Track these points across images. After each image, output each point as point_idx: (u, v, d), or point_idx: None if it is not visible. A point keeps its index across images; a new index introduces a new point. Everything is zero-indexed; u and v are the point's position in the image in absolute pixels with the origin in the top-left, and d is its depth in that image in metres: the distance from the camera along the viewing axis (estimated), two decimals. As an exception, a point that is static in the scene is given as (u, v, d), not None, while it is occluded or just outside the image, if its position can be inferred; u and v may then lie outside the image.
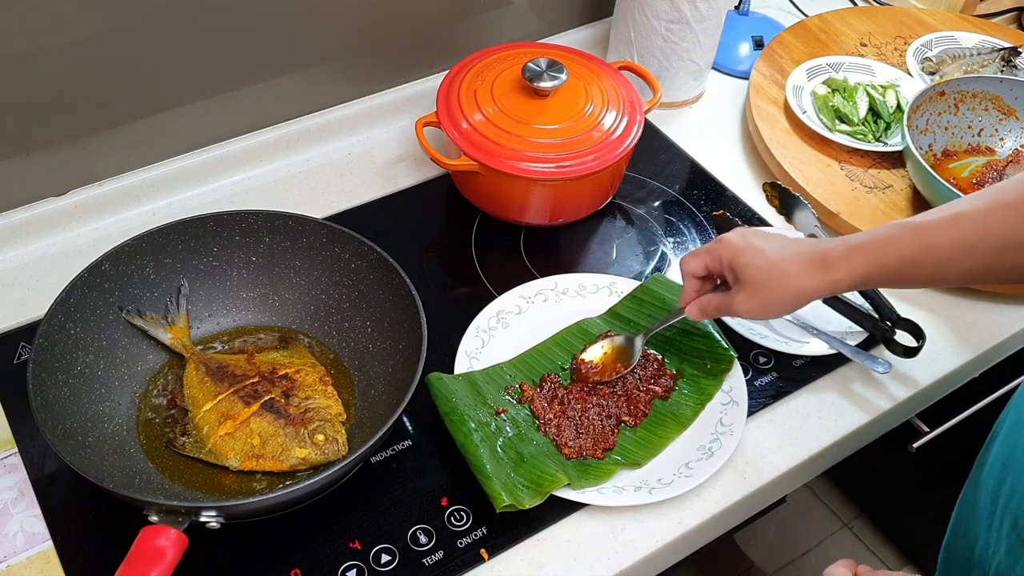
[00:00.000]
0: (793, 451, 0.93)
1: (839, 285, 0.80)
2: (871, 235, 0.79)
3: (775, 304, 0.82)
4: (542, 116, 1.05)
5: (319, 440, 0.86)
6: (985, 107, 1.19)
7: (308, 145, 1.18)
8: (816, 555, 1.79)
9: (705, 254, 0.87)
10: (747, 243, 0.83)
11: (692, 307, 0.89)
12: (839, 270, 0.79)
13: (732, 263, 0.83)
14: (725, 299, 0.85)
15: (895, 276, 0.79)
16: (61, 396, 0.83)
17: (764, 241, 0.83)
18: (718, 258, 0.85)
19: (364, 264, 0.94)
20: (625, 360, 0.94)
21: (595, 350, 0.96)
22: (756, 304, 0.83)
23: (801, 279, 0.80)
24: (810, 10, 1.46)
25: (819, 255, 0.80)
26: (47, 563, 0.81)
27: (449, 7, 1.20)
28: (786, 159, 1.17)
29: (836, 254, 0.80)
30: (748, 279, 0.82)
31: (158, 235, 0.93)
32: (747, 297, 0.83)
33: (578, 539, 0.85)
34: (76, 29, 0.95)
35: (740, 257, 0.83)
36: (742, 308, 0.84)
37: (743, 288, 0.83)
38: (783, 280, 0.81)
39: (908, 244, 0.77)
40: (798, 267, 0.80)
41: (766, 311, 0.84)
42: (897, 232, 0.78)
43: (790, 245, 0.82)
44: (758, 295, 0.82)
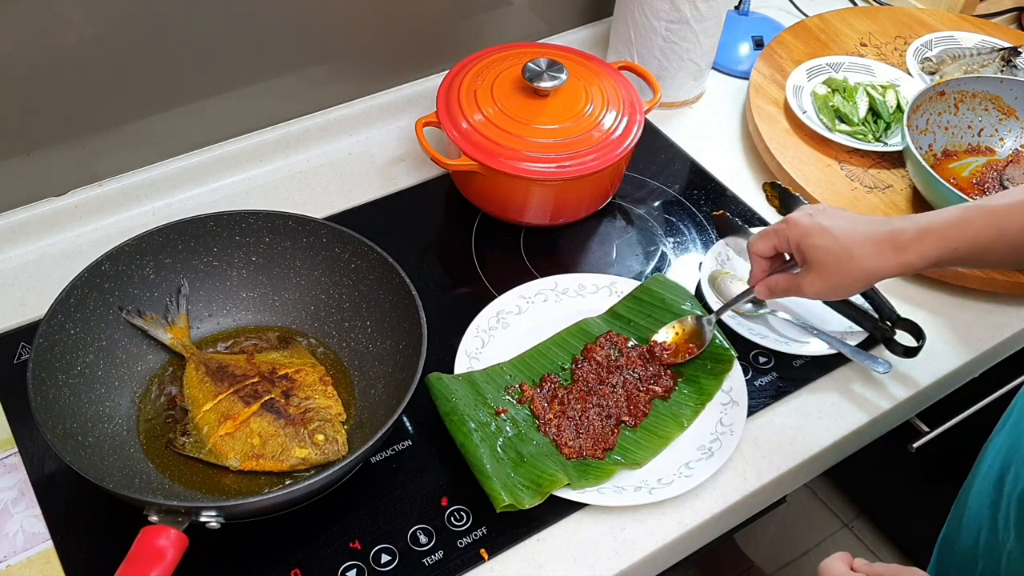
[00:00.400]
0: (793, 451, 0.93)
1: (911, 267, 0.80)
2: (943, 216, 0.79)
3: (844, 286, 0.82)
4: (542, 116, 1.05)
5: (319, 440, 0.86)
6: (985, 107, 1.19)
7: (308, 145, 1.18)
8: (816, 555, 1.79)
9: (773, 235, 0.86)
10: (815, 223, 0.82)
11: (761, 287, 0.89)
12: (910, 252, 0.79)
13: (800, 244, 0.83)
14: (794, 280, 0.85)
15: (966, 258, 0.79)
16: (61, 396, 0.83)
17: (833, 221, 0.82)
18: (786, 239, 0.85)
19: (364, 264, 0.94)
20: (698, 340, 0.95)
21: (666, 331, 0.96)
22: (825, 286, 0.82)
23: (871, 261, 0.80)
24: (810, 10, 1.46)
25: (890, 236, 0.80)
26: (47, 563, 0.81)
27: (449, 7, 1.20)
28: (786, 159, 1.17)
29: (907, 236, 0.79)
30: (817, 261, 0.82)
31: (158, 235, 0.93)
32: (816, 278, 0.82)
33: (578, 539, 0.85)
34: (76, 29, 0.95)
35: (808, 238, 0.82)
36: (811, 290, 0.83)
37: (812, 269, 0.83)
38: (852, 262, 0.80)
39: (982, 227, 0.77)
40: (868, 248, 0.80)
41: (835, 292, 0.84)
42: (971, 214, 0.78)
43: (859, 225, 0.82)
44: (827, 277, 0.82)
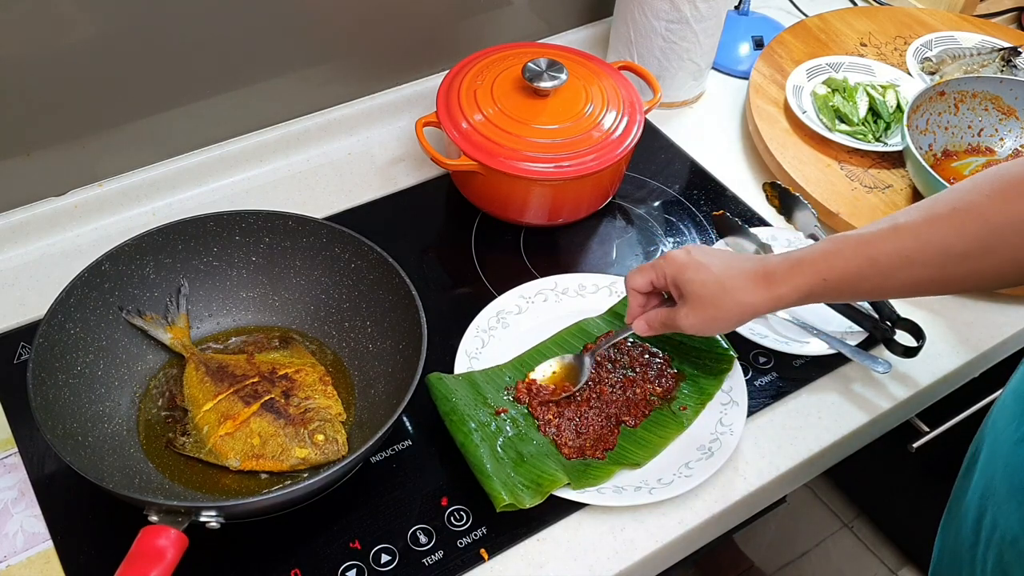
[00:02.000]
0: (793, 451, 0.93)
1: (783, 300, 0.80)
2: (813, 249, 0.79)
3: (719, 319, 0.82)
4: (542, 116, 1.05)
5: (319, 440, 0.86)
6: (985, 107, 1.19)
7: (308, 145, 1.18)
8: (816, 555, 1.79)
9: (650, 269, 0.87)
10: (691, 259, 0.83)
11: (639, 322, 0.89)
12: (783, 285, 0.79)
13: (676, 278, 0.83)
14: (670, 314, 0.85)
15: (839, 289, 0.79)
16: (61, 396, 0.83)
17: (708, 257, 0.83)
18: (662, 273, 0.85)
19: (364, 264, 0.94)
20: (574, 379, 0.94)
21: (544, 369, 0.95)
22: (700, 319, 0.83)
23: (745, 294, 0.80)
24: (810, 10, 1.46)
25: (763, 271, 0.80)
26: (47, 563, 0.81)
27: (449, 7, 1.20)
28: (786, 159, 1.17)
29: (780, 270, 0.80)
30: (692, 294, 0.82)
31: (158, 235, 0.93)
32: (690, 311, 0.83)
33: (578, 539, 0.85)
34: (76, 29, 0.95)
35: (684, 272, 0.83)
36: (686, 323, 0.84)
37: (687, 303, 0.83)
38: (727, 295, 0.81)
39: (850, 257, 0.77)
40: (742, 282, 0.80)
41: (710, 326, 0.84)
42: (839, 245, 0.78)
43: (735, 261, 0.83)
44: (702, 310, 0.82)
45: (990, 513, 0.71)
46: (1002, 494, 0.69)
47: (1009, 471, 0.68)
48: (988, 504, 0.71)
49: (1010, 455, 0.69)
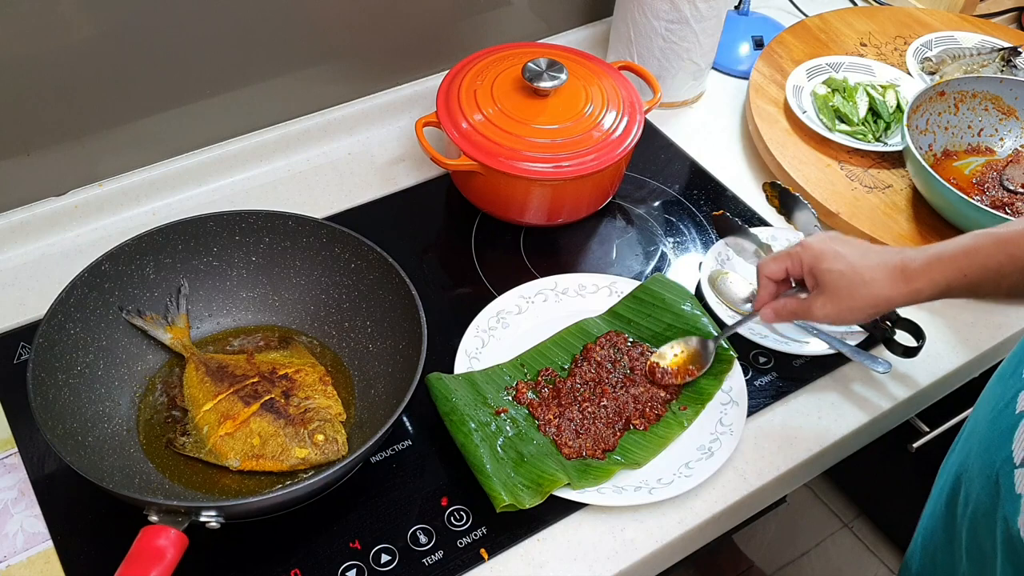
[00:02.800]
0: (793, 451, 0.93)
1: (920, 295, 0.80)
2: (952, 245, 0.79)
3: (854, 310, 0.83)
4: (542, 116, 1.05)
5: (319, 440, 0.86)
6: (985, 107, 1.19)
7: (308, 145, 1.18)
8: (816, 555, 1.79)
9: (786, 257, 0.87)
10: (830, 248, 0.83)
11: (767, 310, 0.89)
12: (920, 279, 0.79)
13: (814, 267, 0.83)
14: (803, 303, 0.85)
15: (977, 286, 0.79)
16: (61, 396, 0.83)
17: (847, 247, 0.83)
18: (799, 262, 0.85)
19: (364, 264, 0.94)
20: (699, 363, 0.94)
21: (667, 352, 0.95)
22: (835, 309, 0.83)
23: (883, 287, 0.80)
24: (810, 10, 1.46)
25: (901, 264, 0.80)
26: (47, 563, 0.81)
27: (449, 7, 1.20)
28: (786, 159, 1.17)
29: (917, 264, 0.80)
30: (829, 284, 0.82)
31: (158, 235, 0.93)
32: (827, 302, 0.83)
33: (578, 539, 0.85)
34: (76, 29, 0.95)
35: (822, 262, 0.83)
36: (821, 312, 0.84)
37: (823, 292, 0.83)
38: (864, 287, 0.81)
39: (991, 254, 0.77)
40: (880, 275, 0.80)
41: (844, 317, 0.84)
42: (980, 242, 0.78)
43: (872, 252, 0.83)
44: (839, 300, 0.82)
45: (963, 489, 0.71)
46: (975, 470, 0.70)
47: (982, 447, 0.69)
48: (963, 481, 0.72)
49: (986, 431, 0.69)
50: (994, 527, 0.65)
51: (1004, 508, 0.64)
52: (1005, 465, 0.64)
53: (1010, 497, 0.63)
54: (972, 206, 1.03)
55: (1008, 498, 0.63)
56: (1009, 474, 0.63)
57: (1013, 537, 0.62)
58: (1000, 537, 0.64)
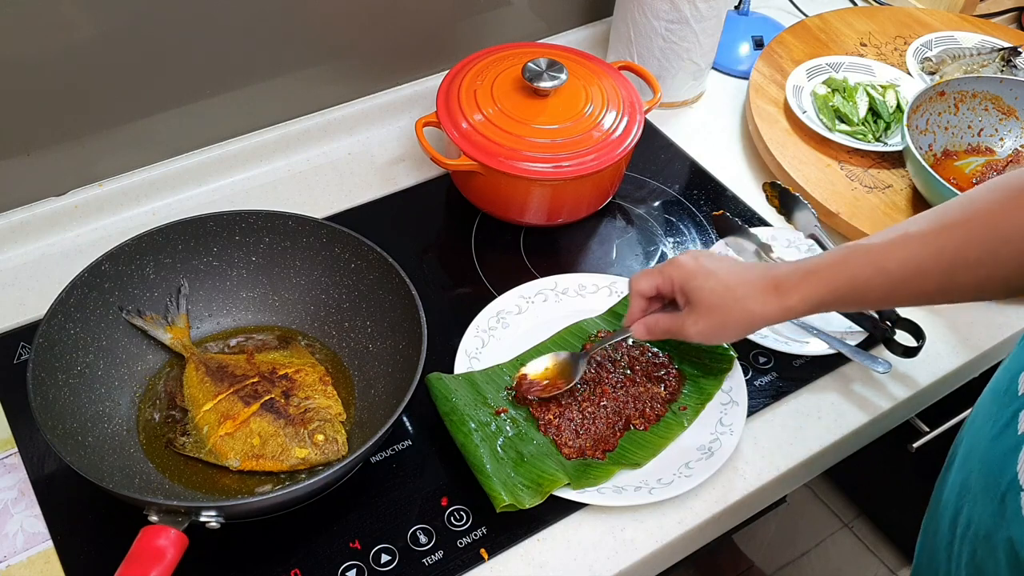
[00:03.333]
0: (793, 451, 0.93)
1: (793, 311, 0.80)
2: (823, 259, 0.79)
3: (726, 327, 0.82)
4: (542, 116, 1.05)
5: (319, 440, 0.86)
6: (985, 107, 1.19)
7: (308, 145, 1.18)
8: (816, 555, 1.79)
9: (656, 274, 0.86)
10: (699, 265, 0.83)
11: (639, 326, 0.88)
12: (793, 295, 0.79)
13: (684, 285, 0.83)
14: (675, 320, 0.84)
15: (849, 299, 0.78)
16: (61, 396, 0.83)
17: (717, 264, 0.83)
18: (669, 279, 0.84)
19: (364, 264, 0.94)
20: (567, 376, 0.92)
21: (537, 364, 0.94)
22: (706, 326, 0.82)
23: (754, 303, 0.80)
24: (810, 10, 1.46)
25: (772, 280, 0.80)
26: (47, 563, 0.81)
27: (449, 7, 1.20)
28: (786, 159, 1.17)
29: (790, 279, 0.79)
30: (700, 301, 0.82)
31: (158, 235, 0.93)
32: (698, 319, 0.82)
33: (578, 539, 0.85)
34: (76, 29, 0.95)
35: (693, 280, 0.82)
36: (692, 330, 0.83)
37: (694, 310, 0.82)
38: (736, 304, 0.80)
39: (860, 267, 0.77)
40: (751, 291, 0.80)
41: (717, 335, 0.83)
42: (848, 255, 0.78)
43: (743, 270, 0.82)
44: (709, 317, 0.81)
45: (966, 510, 0.71)
46: (977, 490, 0.69)
47: (985, 467, 0.68)
48: (964, 501, 0.71)
49: (986, 451, 0.69)
50: (996, 549, 0.65)
51: (1010, 530, 0.63)
52: (1011, 489, 0.64)
53: (1017, 519, 0.62)
54: (972, 206, 1.03)
55: (1015, 520, 0.63)
56: (1016, 498, 0.63)
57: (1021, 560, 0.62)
58: (1004, 560, 0.64)
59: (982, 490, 0.68)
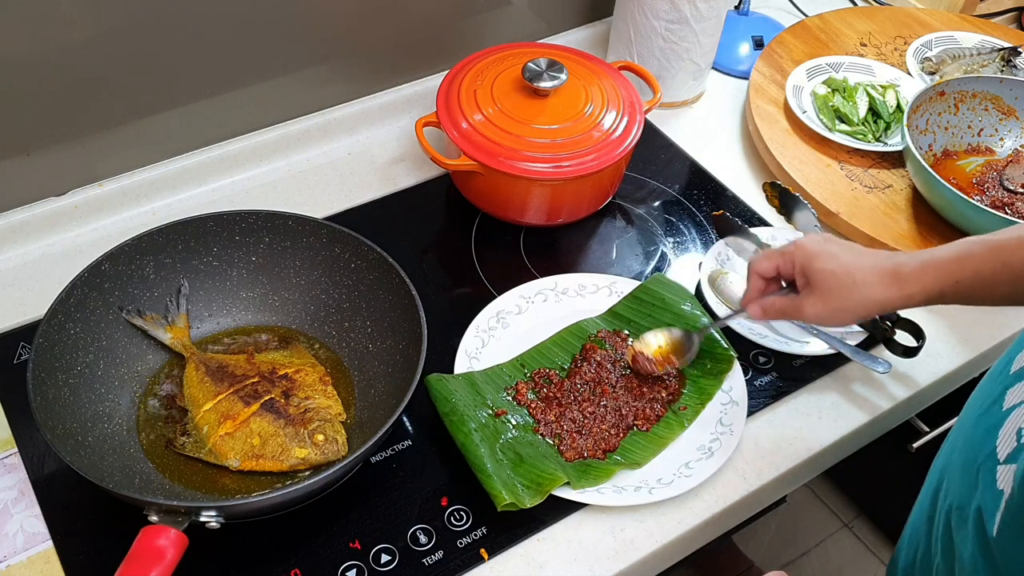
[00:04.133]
0: (793, 451, 0.93)
1: (912, 299, 0.80)
2: (945, 251, 0.79)
3: (845, 312, 0.82)
4: (542, 116, 1.05)
5: (319, 440, 0.86)
6: (985, 107, 1.19)
7: (308, 145, 1.18)
8: (816, 555, 1.79)
9: (778, 255, 0.86)
10: (824, 248, 0.83)
11: (755, 306, 0.88)
12: (912, 284, 0.79)
13: (806, 267, 0.83)
14: (793, 302, 0.85)
15: (969, 292, 0.79)
16: (61, 396, 0.83)
17: (840, 248, 0.83)
18: (791, 260, 0.85)
19: (364, 264, 0.94)
20: (681, 353, 0.94)
21: (649, 340, 0.94)
22: (826, 309, 0.82)
23: (875, 290, 0.80)
24: (810, 10, 1.46)
25: (894, 268, 0.80)
26: (47, 563, 0.81)
27: (449, 7, 1.20)
28: (786, 159, 1.17)
29: (910, 268, 0.79)
30: (821, 284, 0.82)
31: (158, 235, 0.93)
32: (817, 301, 0.82)
33: (578, 539, 0.85)
34: (76, 29, 0.95)
35: (815, 261, 0.82)
36: (811, 311, 0.83)
37: (815, 292, 0.83)
38: (856, 289, 0.81)
39: (984, 260, 0.77)
40: (873, 278, 0.80)
41: (835, 317, 0.83)
42: (973, 248, 0.78)
43: (865, 255, 0.82)
44: (829, 300, 0.82)
45: (945, 483, 0.72)
46: (958, 464, 0.70)
47: (967, 443, 0.69)
48: (945, 475, 0.72)
49: (972, 428, 0.69)
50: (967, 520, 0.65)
51: (981, 499, 0.64)
52: (988, 460, 0.64)
53: (990, 492, 0.63)
54: (972, 206, 1.03)
55: (987, 492, 0.63)
56: (991, 469, 0.64)
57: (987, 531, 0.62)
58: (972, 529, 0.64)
59: (962, 465, 0.69)
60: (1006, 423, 0.64)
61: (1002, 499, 0.61)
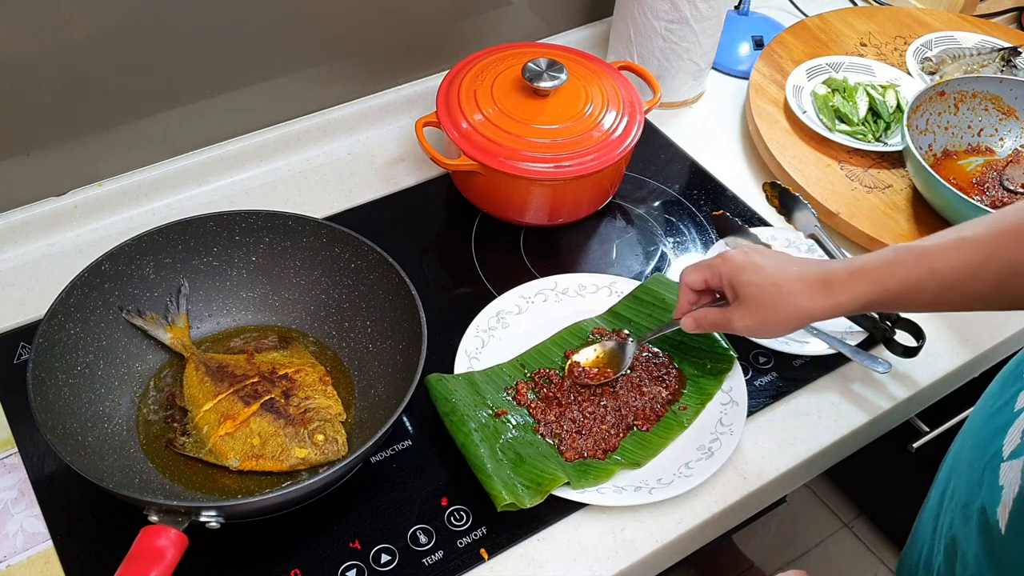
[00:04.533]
0: (793, 451, 0.93)
1: (842, 308, 0.80)
2: (874, 258, 0.79)
3: (775, 323, 0.82)
4: (542, 116, 1.05)
5: (319, 440, 0.86)
6: (985, 107, 1.19)
7: (308, 145, 1.18)
8: (816, 555, 1.79)
9: (706, 268, 0.87)
10: (749, 260, 0.83)
11: (687, 319, 0.89)
12: (842, 292, 0.79)
13: (733, 279, 0.83)
14: (723, 314, 0.85)
15: (899, 300, 0.78)
16: (61, 396, 0.83)
17: (766, 259, 0.83)
18: (718, 273, 0.85)
19: (364, 264, 0.94)
20: (616, 365, 0.94)
21: (588, 352, 0.95)
22: (754, 321, 0.83)
23: (803, 299, 0.80)
24: (810, 10, 1.46)
25: (822, 277, 0.80)
26: (47, 563, 0.81)
27: (449, 7, 1.20)
28: (786, 159, 1.17)
29: (839, 276, 0.79)
30: (748, 296, 0.82)
31: (158, 235, 0.93)
32: (746, 313, 0.83)
33: (578, 539, 0.85)
34: (76, 29, 0.95)
35: (741, 274, 0.83)
36: (740, 324, 0.84)
37: (742, 304, 0.83)
38: (784, 299, 0.81)
39: (912, 267, 0.76)
40: (801, 287, 0.80)
41: (764, 329, 0.84)
42: (901, 255, 0.78)
43: (792, 265, 0.82)
44: (758, 312, 0.82)
45: (952, 483, 0.72)
46: (964, 464, 0.70)
47: (975, 442, 0.69)
48: (952, 475, 0.72)
49: (981, 428, 0.69)
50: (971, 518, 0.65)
51: (984, 497, 0.64)
52: (993, 460, 0.64)
53: (992, 487, 0.63)
54: (972, 206, 1.03)
55: (990, 488, 0.63)
56: (995, 468, 0.64)
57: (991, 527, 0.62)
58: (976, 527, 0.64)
59: (968, 464, 0.69)
60: (1015, 423, 0.64)
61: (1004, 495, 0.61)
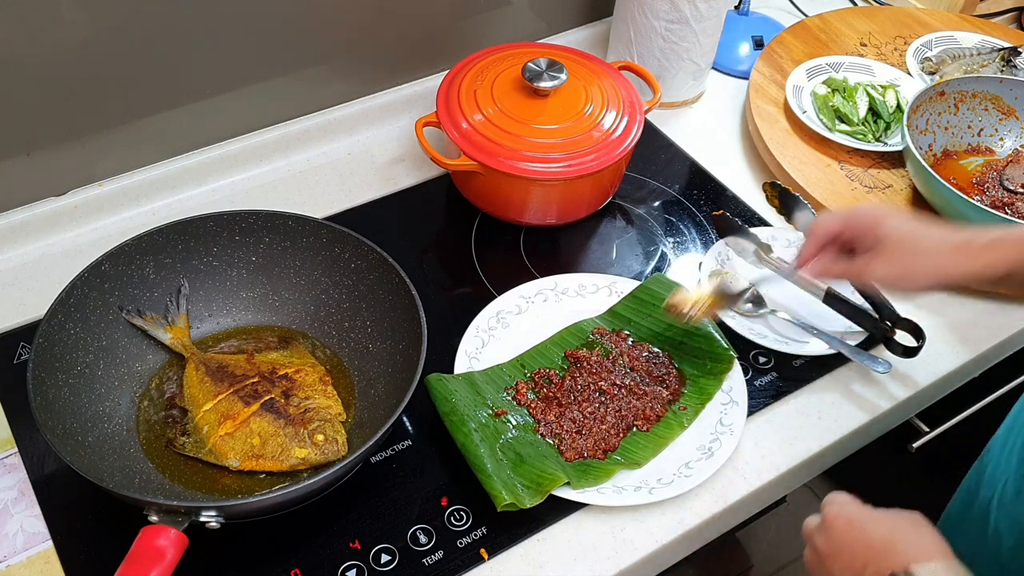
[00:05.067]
0: (793, 451, 0.93)
1: (980, 275, 0.78)
2: (1008, 230, 0.78)
3: (913, 277, 0.80)
4: (542, 116, 1.05)
5: (319, 440, 0.86)
6: (985, 107, 1.19)
7: (308, 145, 1.18)
8: (816, 555, 1.78)
9: (848, 215, 0.84)
10: (895, 211, 0.81)
11: (815, 264, 0.86)
12: (980, 259, 0.77)
13: (878, 226, 0.81)
14: (857, 263, 0.83)
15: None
16: (61, 396, 0.83)
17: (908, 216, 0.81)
18: (857, 221, 0.83)
19: (364, 264, 0.94)
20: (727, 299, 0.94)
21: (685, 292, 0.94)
22: (895, 269, 0.80)
23: (947, 259, 0.78)
24: (810, 10, 1.46)
25: (966, 241, 0.78)
26: (47, 563, 0.81)
27: (449, 7, 1.20)
28: (786, 159, 1.17)
29: (979, 243, 0.78)
30: (893, 244, 0.80)
31: (158, 235, 0.93)
32: (886, 261, 0.80)
33: (578, 539, 0.85)
34: (76, 29, 0.95)
35: (888, 220, 0.81)
36: (880, 271, 0.81)
37: (884, 251, 0.80)
38: (927, 256, 0.79)
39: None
40: (945, 247, 0.78)
41: (903, 279, 0.81)
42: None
43: (932, 227, 0.81)
44: (900, 261, 0.80)
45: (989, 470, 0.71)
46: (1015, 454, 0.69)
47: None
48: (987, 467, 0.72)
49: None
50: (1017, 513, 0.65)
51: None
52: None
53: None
54: (972, 206, 1.03)
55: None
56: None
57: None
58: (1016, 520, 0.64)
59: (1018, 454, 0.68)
60: None
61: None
